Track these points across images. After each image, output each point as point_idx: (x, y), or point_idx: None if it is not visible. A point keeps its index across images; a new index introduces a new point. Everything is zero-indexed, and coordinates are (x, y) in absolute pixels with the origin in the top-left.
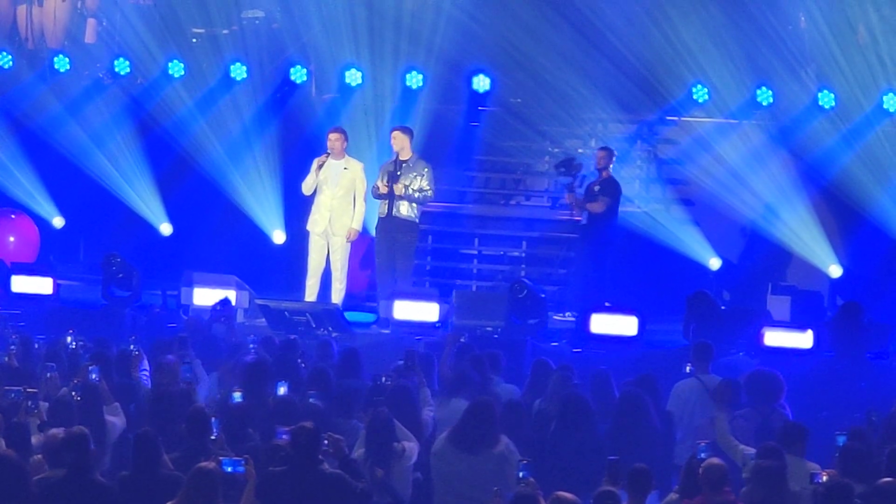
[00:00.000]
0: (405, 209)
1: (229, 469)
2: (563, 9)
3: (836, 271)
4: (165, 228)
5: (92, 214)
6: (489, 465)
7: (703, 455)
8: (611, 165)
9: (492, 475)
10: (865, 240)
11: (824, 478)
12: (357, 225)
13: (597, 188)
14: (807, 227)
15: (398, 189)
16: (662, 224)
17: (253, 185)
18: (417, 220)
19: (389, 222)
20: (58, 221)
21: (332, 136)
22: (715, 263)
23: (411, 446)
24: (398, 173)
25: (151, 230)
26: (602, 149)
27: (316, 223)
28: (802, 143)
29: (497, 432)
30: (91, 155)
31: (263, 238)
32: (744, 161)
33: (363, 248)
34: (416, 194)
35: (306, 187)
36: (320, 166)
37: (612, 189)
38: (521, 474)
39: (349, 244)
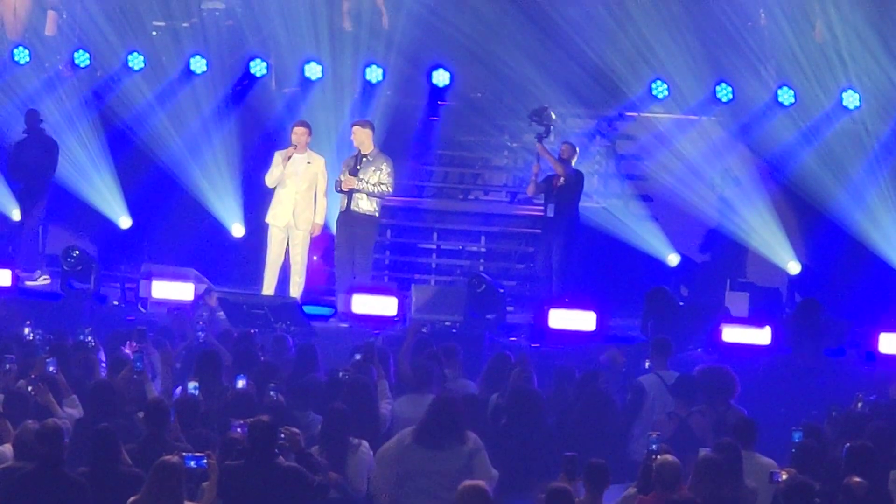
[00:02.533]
0: (364, 204)
1: (192, 464)
2: (523, 4)
3: (794, 268)
4: (124, 221)
5: (51, 207)
6: (458, 463)
7: (654, 447)
8: (574, 158)
9: (461, 472)
10: (825, 236)
11: (784, 476)
12: (320, 220)
13: (561, 181)
14: (765, 224)
15: (354, 183)
16: (621, 219)
17: (212, 179)
18: (377, 215)
19: (349, 216)
20: (16, 214)
21: (299, 130)
22: (673, 259)
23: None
24: (358, 167)
25: (110, 223)
26: (565, 142)
27: (278, 217)
28: (762, 139)
29: (463, 428)
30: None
31: (222, 231)
32: (703, 157)
33: (323, 243)
34: (373, 188)
35: (272, 180)
36: (287, 159)
37: (576, 178)
38: None
39: (309, 238)
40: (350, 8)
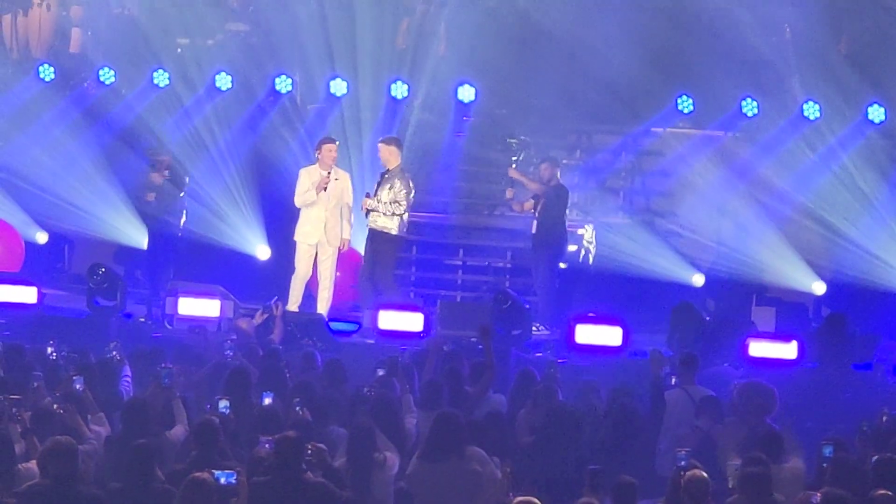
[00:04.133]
0: (381, 221)
1: (222, 480)
2: (549, 20)
3: (819, 288)
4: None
5: (75, 228)
6: (459, 476)
7: (682, 463)
8: (556, 173)
9: (463, 485)
10: (850, 251)
11: (818, 497)
12: (348, 235)
13: (542, 199)
14: (781, 254)
15: (369, 203)
16: (646, 236)
17: (236, 198)
18: (395, 232)
19: (371, 234)
20: (41, 237)
21: (332, 147)
22: (698, 280)
23: (392, 457)
24: (377, 185)
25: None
26: (544, 161)
27: (309, 235)
28: (788, 153)
29: (463, 442)
30: (74, 166)
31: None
32: (725, 176)
33: (349, 259)
34: (385, 207)
35: (303, 201)
36: (324, 188)
37: (560, 193)
38: None
39: (337, 254)
40: (409, 26)
